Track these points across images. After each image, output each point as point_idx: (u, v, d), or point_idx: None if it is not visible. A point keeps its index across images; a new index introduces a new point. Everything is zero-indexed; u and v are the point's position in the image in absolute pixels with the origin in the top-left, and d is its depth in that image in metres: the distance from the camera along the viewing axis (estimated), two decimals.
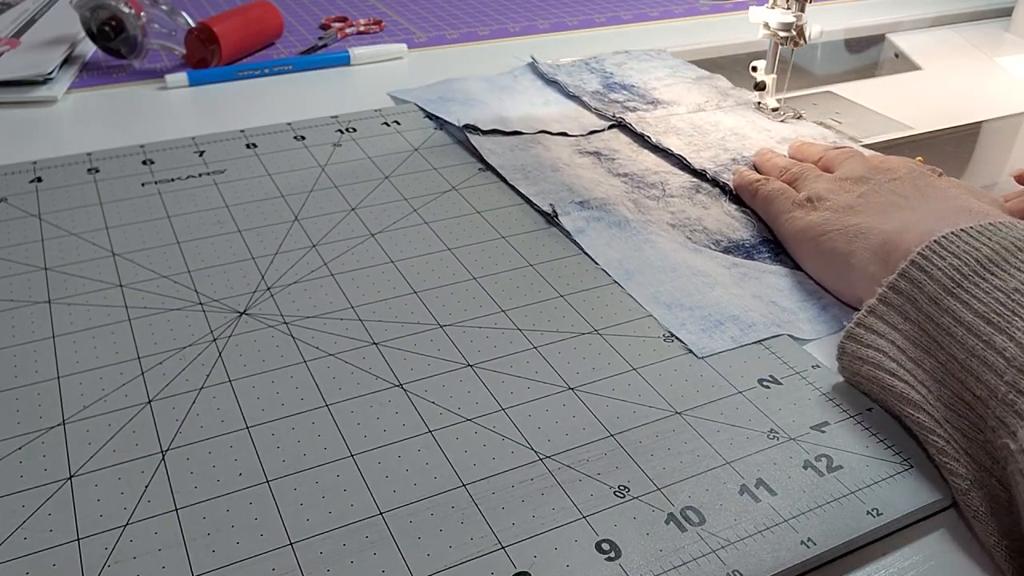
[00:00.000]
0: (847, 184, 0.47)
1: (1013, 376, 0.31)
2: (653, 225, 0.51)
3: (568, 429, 0.36)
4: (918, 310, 0.36)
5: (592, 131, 0.64)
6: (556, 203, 0.53)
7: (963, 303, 0.34)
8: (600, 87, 0.71)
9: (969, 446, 0.33)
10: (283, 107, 0.68)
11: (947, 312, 0.34)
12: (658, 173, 0.58)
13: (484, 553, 0.30)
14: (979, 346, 0.32)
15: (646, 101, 0.69)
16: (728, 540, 0.31)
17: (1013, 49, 0.86)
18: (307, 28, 0.88)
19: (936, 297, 0.35)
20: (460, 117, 0.64)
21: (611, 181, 0.56)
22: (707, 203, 0.54)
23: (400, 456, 0.34)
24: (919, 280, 0.36)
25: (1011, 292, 0.33)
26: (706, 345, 0.41)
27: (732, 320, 0.43)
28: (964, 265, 0.35)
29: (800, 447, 0.35)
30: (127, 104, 0.68)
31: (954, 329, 0.34)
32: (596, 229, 0.50)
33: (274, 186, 0.55)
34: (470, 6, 0.96)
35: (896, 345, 0.36)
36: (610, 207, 0.52)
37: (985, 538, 0.31)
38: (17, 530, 0.31)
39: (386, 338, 0.41)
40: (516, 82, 0.73)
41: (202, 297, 0.44)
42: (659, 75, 0.74)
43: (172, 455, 0.34)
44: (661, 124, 0.64)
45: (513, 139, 0.62)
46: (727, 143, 0.61)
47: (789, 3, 0.63)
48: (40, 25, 0.81)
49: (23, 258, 0.47)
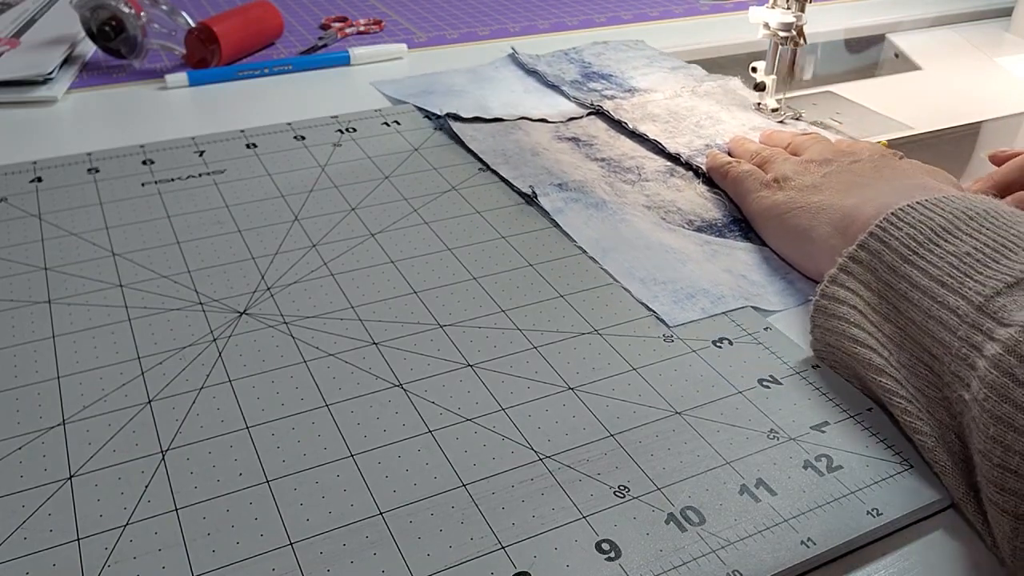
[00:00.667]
0: (812, 166, 0.49)
1: (966, 331, 0.32)
2: (629, 207, 0.53)
3: (568, 429, 0.36)
4: (877, 279, 0.37)
5: (571, 118, 0.66)
6: (535, 185, 0.54)
7: (919, 269, 0.35)
8: (579, 76, 0.73)
9: (929, 404, 0.34)
10: (283, 107, 0.68)
11: (904, 278, 0.36)
12: (634, 158, 0.60)
13: (484, 553, 0.30)
14: (934, 307, 0.34)
15: (623, 89, 0.71)
16: (728, 540, 0.31)
17: (1013, 49, 0.86)
18: (307, 28, 0.88)
19: (894, 265, 0.37)
20: (443, 107, 0.65)
21: (588, 165, 0.58)
22: (681, 186, 0.56)
23: (400, 456, 0.34)
24: (877, 250, 0.37)
25: (963, 256, 0.35)
26: (677, 316, 0.43)
27: (703, 293, 0.45)
28: (919, 234, 0.36)
29: (800, 447, 0.35)
30: (127, 104, 0.68)
31: (911, 293, 0.35)
32: (574, 210, 0.52)
33: (274, 186, 0.55)
34: (470, 6, 0.96)
35: (858, 310, 0.38)
36: (587, 189, 0.54)
37: (955, 492, 0.33)
38: (17, 530, 0.31)
39: (386, 338, 0.41)
40: (498, 72, 0.75)
41: (202, 297, 0.44)
42: (636, 64, 0.76)
43: (172, 455, 0.34)
44: (638, 111, 0.66)
45: (494, 126, 0.64)
46: (702, 129, 0.63)
47: (789, 3, 0.63)
48: (40, 25, 0.81)
49: (23, 258, 0.47)
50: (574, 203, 0.53)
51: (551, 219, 0.51)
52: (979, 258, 0.34)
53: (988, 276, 0.33)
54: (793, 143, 0.55)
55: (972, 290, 0.33)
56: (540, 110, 0.67)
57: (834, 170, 0.47)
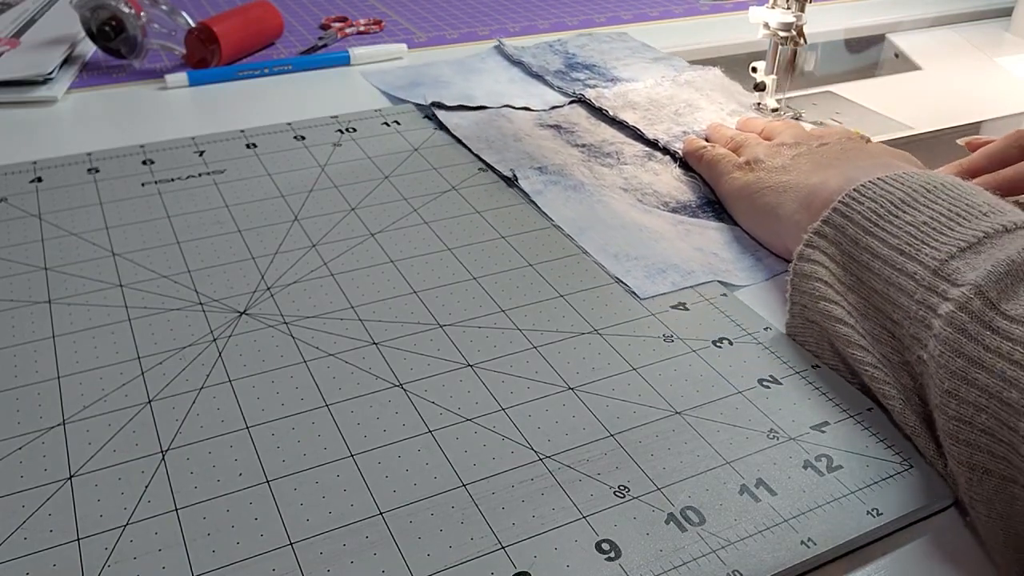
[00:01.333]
0: (783, 149, 0.50)
1: (922, 295, 0.34)
2: (607, 188, 0.55)
3: (568, 429, 0.36)
4: (842, 252, 0.39)
5: (553, 106, 0.68)
6: (516, 168, 0.56)
7: (879, 240, 0.37)
8: (563, 66, 0.75)
9: (894, 370, 0.35)
10: (283, 107, 0.68)
11: (866, 250, 0.37)
12: (614, 144, 0.62)
13: (484, 553, 0.30)
14: (894, 275, 0.36)
15: (606, 79, 0.72)
16: (728, 540, 0.31)
17: (1013, 49, 0.86)
18: (307, 28, 0.88)
19: (856, 238, 0.38)
20: (427, 96, 0.67)
21: (569, 151, 0.60)
22: (658, 169, 0.58)
23: (400, 456, 0.34)
24: (841, 224, 0.39)
25: (920, 225, 0.36)
26: (648, 289, 0.45)
27: (673, 268, 0.47)
28: (880, 207, 0.38)
29: (800, 447, 0.35)
30: (127, 104, 0.68)
31: (872, 263, 0.37)
32: (553, 191, 0.54)
33: (274, 186, 0.55)
34: (470, 6, 0.96)
35: (826, 282, 0.39)
36: (567, 172, 0.56)
37: (927, 454, 0.34)
38: (17, 530, 0.31)
39: (386, 338, 0.41)
40: (484, 63, 0.77)
41: (202, 297, 0.44)
42: (619, 56, 0.78)
43: (172, 455, 0.34)
44: (619, 99, 0.68)
45: (478, 113, 0.66)
46: (680, 116, 0.65)
47: (789, 3, 0.63)
48: (40, 25, 0.81)
49: (23, 258, 0.47)
50: (553, 185, 0.55)
51: (551, 219, 0.51)
52: (935, 226, 0.36)
53: (943, 242, 0.35)
54: (767, 128, 0.57)
55: (928, 256, 0.35)
56: (524, 99, 0.69)
57: (803, 152, 0.49)
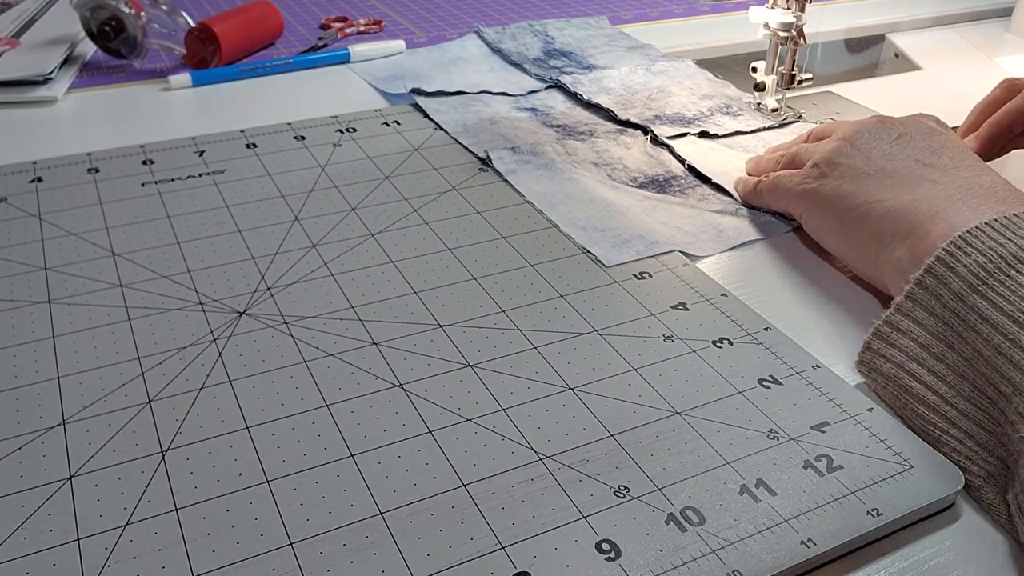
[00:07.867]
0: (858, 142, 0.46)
1: None
2: (578, 166, 0.57)
3: (568, 429, 0.36)
4: (943, 306, 0.36)
5: (531, 91, 0.70)
6: (489, 149, 0.59)
7: (989, 301, 0.34)
8: (541, 54, 0.78)
9: (987, 440, 0.34)
10: (283, 107, 0.68)
11: (973, 309, 0.35)
12: (588, 124, 0.65)
13: (484, 553, 0.30)
14: (1005, 344, 0.33)
15: (582, 67, 0.75)
16: (728, 540, 0.31)
17: (1013, 49, 0.86)
18: (307, 28, 0.88)
19: (961, 294, 0.35)
20: (408, 85, 0.69)
21: (544, 131, 0.63)
22: (629, 143, 0.61)
23: (400, 456, 0.34)
24: (944, 276, 0.36)
25: None
26: (614, 257, 0.48)
27: (638, 239, 0.50)
28: (989, 262, 0.35)
29: (800, 447, 0.35)
30: (127, 104, 0.68)
31: (980, 326, 0.34)
32: (525, 170, 0.57)
33: (274, 186, 0.55)
34: (470, 6, 0.96)
35: (919, 342, 0.37)
36: (539, 151, 0.59)
37: (1003, 524, 0.33)
38: (17, 530, 0.31)
39: (386, 338, 0.41)
40: (464, 49, 0.79)
41: (202, 297, 0.44)
42: (596, 44, 0.81)
43: (172, 455, 0.34)
44: (594, 85, 0.71)
45: (457, 98, 0.68)
46: (653, 101, 0.68)
47: (789, 3, 0.63)
48: (40, 25, 0.81)
49: (23, 258, 0.47)
50: (526, 164, 0.57)
51: (551, 220, 0.51)
52: None
53: None
54: (813, 132, 0.54)
55: None
56: (502, 86, 0.71)
57: (888, 151, 0.45)
